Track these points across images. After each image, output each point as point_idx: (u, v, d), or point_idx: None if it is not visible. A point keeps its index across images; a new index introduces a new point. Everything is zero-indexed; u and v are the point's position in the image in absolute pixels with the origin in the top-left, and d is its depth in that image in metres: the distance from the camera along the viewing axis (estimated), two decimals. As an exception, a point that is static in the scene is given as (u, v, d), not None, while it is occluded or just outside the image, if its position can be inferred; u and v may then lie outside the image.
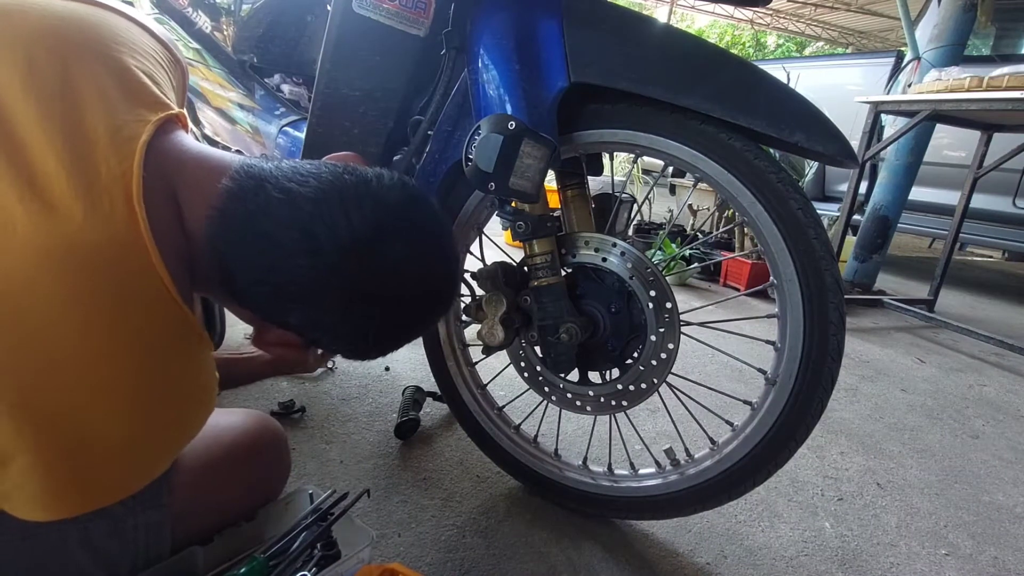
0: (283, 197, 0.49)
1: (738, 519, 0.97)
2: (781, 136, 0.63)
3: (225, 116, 1.31)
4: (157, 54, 0.58)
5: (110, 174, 0.46)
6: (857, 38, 14.49)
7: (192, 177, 0.51)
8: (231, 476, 0.69)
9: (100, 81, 0.49)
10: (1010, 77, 1.71)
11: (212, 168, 0.52)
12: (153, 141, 0.49)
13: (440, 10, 0.75)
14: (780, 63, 4.33)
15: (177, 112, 0.54)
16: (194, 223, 0.50)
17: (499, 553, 0.83)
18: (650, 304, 0.73)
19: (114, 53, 0.52)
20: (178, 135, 0.53)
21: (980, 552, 0.97)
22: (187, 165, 0.51)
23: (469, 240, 0.92)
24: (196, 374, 0.55)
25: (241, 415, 0.75)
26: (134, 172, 0.46)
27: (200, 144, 0.55)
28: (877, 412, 1.50)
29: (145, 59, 0.55)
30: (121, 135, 0.48)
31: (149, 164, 0.48)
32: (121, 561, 0.57)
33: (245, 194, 0.50)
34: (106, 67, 0.51)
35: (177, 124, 0.55)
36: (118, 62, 0.52)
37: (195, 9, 1.31)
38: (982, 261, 4.95)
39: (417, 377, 1.35)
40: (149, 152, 0.48)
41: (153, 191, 0.48)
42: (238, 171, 0.51)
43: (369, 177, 0.52)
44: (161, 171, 0.49)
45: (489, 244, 0.93)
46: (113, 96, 0.49)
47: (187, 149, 0.53)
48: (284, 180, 0.50)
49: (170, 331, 0.50)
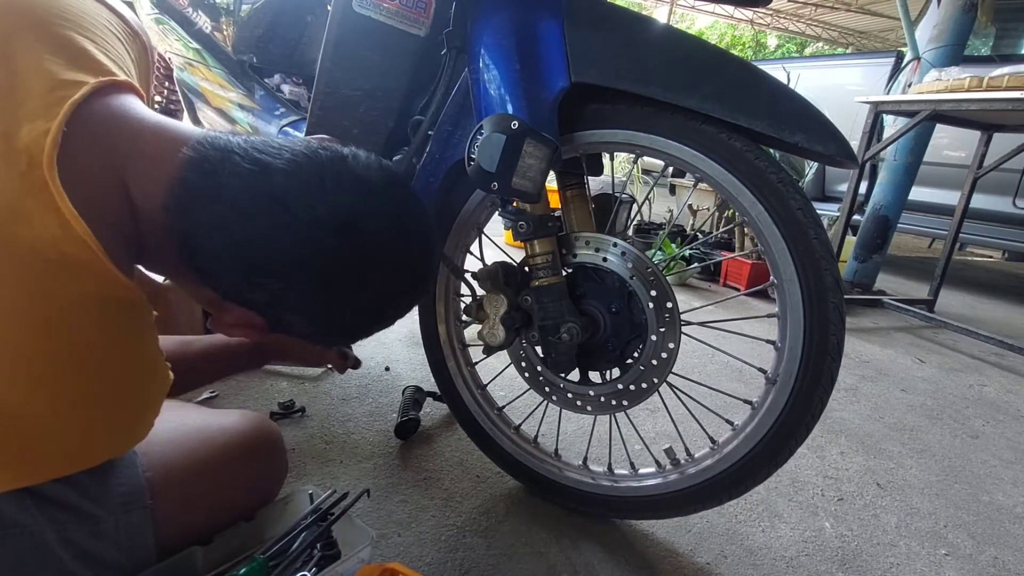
0: (254, 168, 0.47)
1: (738, 519, 0.97)
2: (781, 136, 0.63)
3: (225, 116, 1.31)
4: (112, 26, 0.56)
5: (32, 133, 0.43)
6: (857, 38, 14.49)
7: (143, 146, 0.48)
8: (224, 478, 0.68)
9: (41, 51, 0.47)
10: (1010, 77, 1.71)
11: (169, 137, 0.49)
12: (92, 105, 0.47)
13: (441, 10, 0.75)
14: (780, 63, 4.33)
15: (124, 80, 0.51)
16: (146, 194, 0.48)
17: (499, 553, 0.83)
18: (651, 304, 0.73)
19: (59, 23, 0.49)
20: (127, 101, 0.50)
21: (980, 552, 0.97)
22: (137, 133, 0.48)
23: (469, 240, 0.92)
24: (140, 343, 0.53)
25: (236, 416, 0.74)
26: (52, 130, 0.43)
27: (155, 114, 0.52)
28: (877, 412, 1.50)
29: (95, 29, 0.53)
30: (53, 96, 0.45)
31: (81, 126, 0.45)
32: (105, 560, 0.56)
33: (210, 164, 0.47)
34: (50, 36, 0.48)
35: (127, 92, 0.51)
36: (61, 32, 0.49)
37: (195, 9, 1.31)
38: (982, 261, 4.95)
39: (417, 377, 1.35)
40: (83, 114, 0.45)
41: (82, 155, 0.45)
42: (200, 141, 0.49)
43: (345, 154, 0.51)
44: (100, 136, 0.47)
45: (489, 244, 0.93)
46: (52, 63, 0.46)
47: (140, 117, 0.50)
48: (254, 151, 0.48)
49: (100, 297, 0.47)
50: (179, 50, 1.35)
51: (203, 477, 0.66)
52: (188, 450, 0.65)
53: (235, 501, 0.71)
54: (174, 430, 0.65)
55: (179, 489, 0.62)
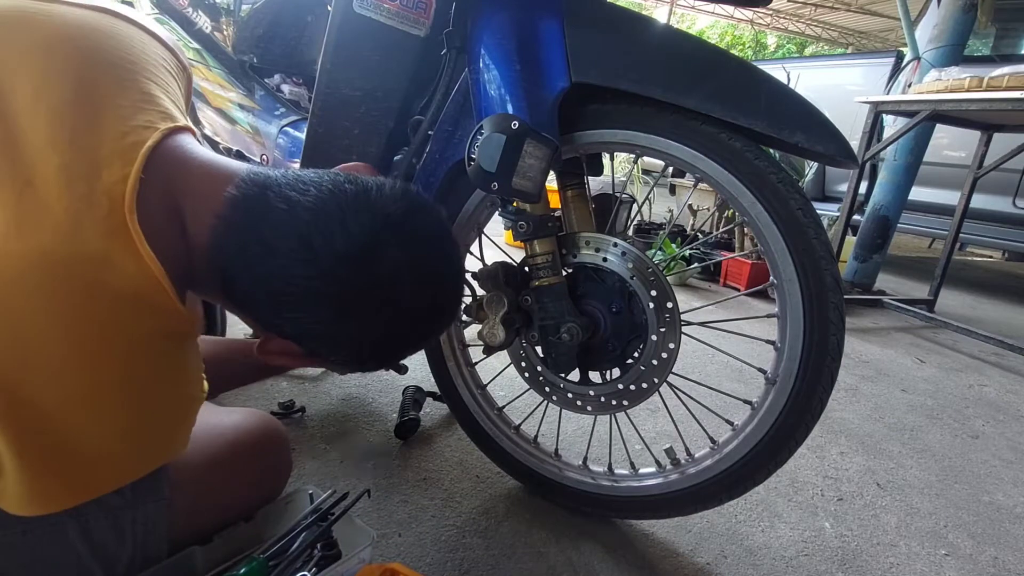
0: (283, 206, 0.49)
1: (738, 519, 0.97)
2: (781, 136, 0.63)
3: (225, 116, 1.31)
4: (167, 62, 0.58)
5: (111, 177, 0.46)
6: (857, 38, 14.49)
7: (197, 184, 0.51)
8: (233, 474, 0.70)
9: (112, 90, 0.50)
10: (1010, 77, 1.71)
11: (218, 176, 0.52)
12: (160, 148, 0.49)
13: (441, 10, 0.75)
14: (780, 63, 4.34)
15: (185, 124, 0.54)
16: (197, 231, 0.50)
17: (499, 553, 0.83)
18: (651, 304, 0.73)
19: (127, 63, 0.52)
20: (186, 142, 0.54)
21: (980, 552, 0.97)
22: (193, 173, 0.51)
23: (469, 240, 0.92)
24: (188, 365, 0.55)
25: (242, 414, 0.75)
26: (131, 176, 0.46)
27: (209, 152, 0.55)
28: (877, 412, 1.50)
29: (156, 69, 0.56)
30: (128, 140, 0.48)
31: (153, 170, 0.48)
32: (118, 556, 0.57)
33: (248, 203, 0.50)
34: (118, 77, 0.51)
35: (186, 133, 0.55)
36: (130, 72, 0.52)
37: (195, 9, 1.31)
38: (982, 261, 4.95)
39: (417, 377, 1.35)
40: (154, 158, 0.49)
41: (154, 196, 0.48)
42: (244, 179, 0.51)
43: (370, 186, 0.52)
44: (165, 177, 0.49)
45: (489, 244, 0.93)
46: (123, 105, 0.50)
47: (194, 157, 0.53)
48: (286, 188, 0.50)
49: (164, 331, 0.50)
50: (179, 50, 1.35)
51: (215, 472, 0.67)
52: (201, 445, 0.66)
53: (242, 497, 0.72)
54: None
55: (193, 484, 0.64)
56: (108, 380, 0.47)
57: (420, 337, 0.59)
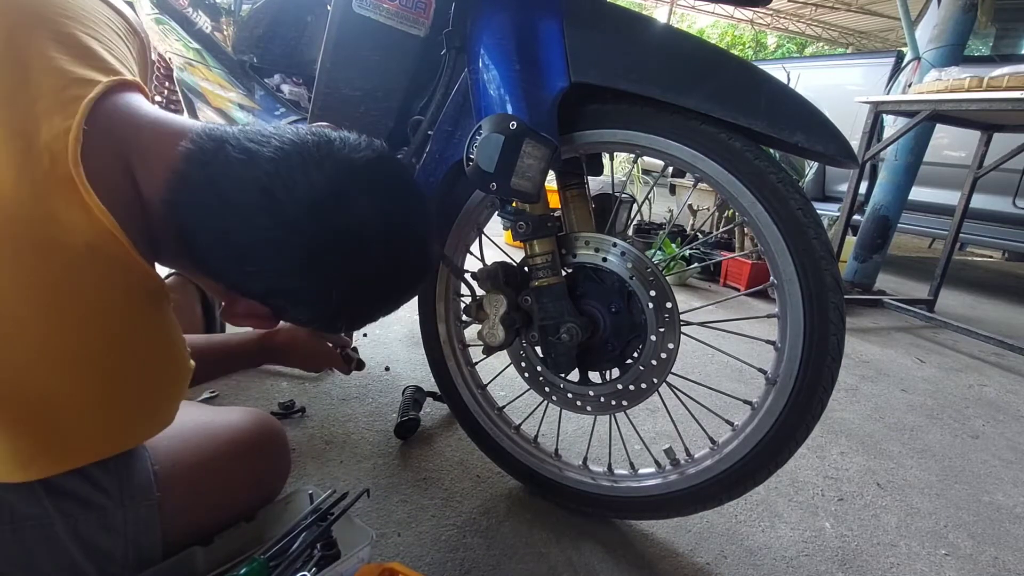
0: (243, 157, 0.48)
1: (738, 519, 0.97)
2: (781, 136, 0.63)
3: (225, 116, 1.31)
4: (112, 23, 0.56)
5: (51, 131, 0.44)
6: (857, 38, 14.48)
7: (148, 139, 0.49)
8: (230, 474, 0.69)
9: (46, 44, 0.47)
10: (1010, 77, 1.71)
11: (170, 131, 0.50)
12: (104, 103, 0.48)
13: (440, 10, 0.75)
14: (780, 63, 4.33)
15: (132, 79, 0.52)
16: (151, 186, 0.49)
17: (499, 553, 0.83)
18: (650, 304, 0.73)
19: (62, 20, 0.50)
20: (134, 99, 0.51)
21: (980, 552, 0.97)
22: (143, 129, 0.50)
23: (469, 240, 0.92)
24: (164, 330, 0.54)
25: (240, 413, 0.75)
26: (73, 128, 0.44)
27: (158, 109, 0.53)
28: (877, 412, 1.50)
29: (98, 26, 0.54)
30: (67, 93, 0.46)
31: (98, 123, 0.46)
32: (112, 555, 0.57)
33: (205, 155, 0.48)
34: (54, 33, 0.49)
35: (133, 89, 0.52)
36: (66, 29, 0.50)
37: (195, 9, 1.31)
38: (982, 261, 4.95)
39: (417, 377, 1.35)
40: (98, 111, 0.47)
41: (100, 150, 0.46)
42: (199, 134, 0.50)
43: (333, 138, 0.51)
44: (112, 131, 0.47)
45: (489, 244, 0.93)
46: (60, 60, 0.47)
47: (144, 113, 0.51)
48: (245, 141, 0.49)
49: (126, 286, 0.49)
50: (179, 50, 1.35)
51: (209, 473, 0.66)
52: (194, 446, 0.66)
53: (240, 497, 0.71)
54: (180, 426, 0.65)
55: (186, 484, 0.63)
56: (75, 341, 0.46)
57: (388, 292, 0.57)
